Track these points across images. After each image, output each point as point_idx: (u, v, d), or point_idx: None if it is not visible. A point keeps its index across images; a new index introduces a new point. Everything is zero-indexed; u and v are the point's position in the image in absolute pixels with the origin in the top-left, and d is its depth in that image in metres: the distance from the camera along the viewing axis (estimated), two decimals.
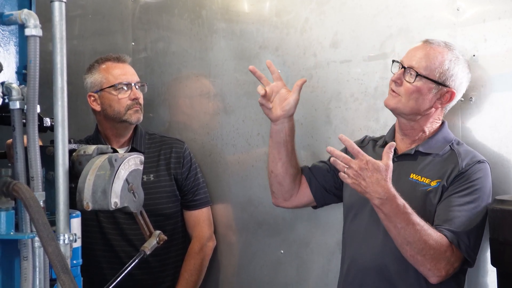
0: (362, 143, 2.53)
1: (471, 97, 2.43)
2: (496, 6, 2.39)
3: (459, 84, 2.29)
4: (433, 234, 2.08)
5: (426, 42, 2.32)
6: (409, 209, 2.08)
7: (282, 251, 2.94)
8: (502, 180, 2.36)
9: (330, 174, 2.55)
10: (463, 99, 2.45)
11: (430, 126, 2.34)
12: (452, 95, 2.27)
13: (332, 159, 2.14)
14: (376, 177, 2.05)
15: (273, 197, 2.62)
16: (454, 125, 2.47)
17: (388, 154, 2.09)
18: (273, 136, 2.48)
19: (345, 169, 2.09)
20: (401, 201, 2.07)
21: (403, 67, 2.28)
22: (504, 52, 2.37)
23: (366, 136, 2.58)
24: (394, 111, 2.33)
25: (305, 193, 2.57)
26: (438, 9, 2.52)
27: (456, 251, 2.11)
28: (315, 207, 2.64)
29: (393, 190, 2.07)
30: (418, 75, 2.24)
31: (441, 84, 2.25)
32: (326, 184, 2.55)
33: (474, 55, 2.42)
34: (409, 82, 2.25)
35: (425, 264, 2.10)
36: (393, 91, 2.30)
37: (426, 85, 2.25)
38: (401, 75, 2.28)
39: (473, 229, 2.13)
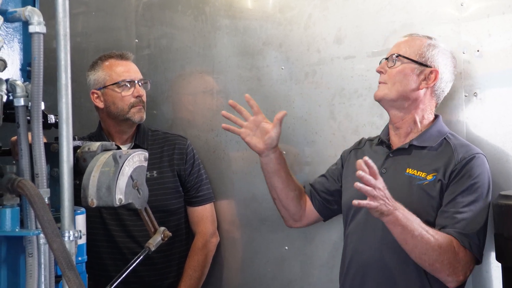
0: (359, 145, 2.58)
1: (475, 93, 2.43)
2: (500, 1, 2.38)
3: (443, 65, 2.32)
4: (444, 240, 2.10)
5: (409, 34, 2.40)
6: (419, 221, 2.09)
7: (286, 247, 2.94)
8: (506, 176, 2.35)
9: (330, 185, 2.60)
10: (467, 94, 2.44)
11: (421, 116, 2.35)
12: (436, 74, 2.30)
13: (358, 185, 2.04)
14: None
15: (284, 220, 2.67)
16: (458, 121, 2.47)
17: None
18: (263, 167, 2.54)
19: (372, 192, 2.01)
20: (411, 214, 2.09)
21: (386, 58, 2.38)
22: (508, 47, 2.36)
23: (362, 138, 2.61)
24: (383, 101, 2.37)
25: (311, 211, 2.62)
26: (441, 4, 2.51)
27: (469, 253, 2.12)
28: (324, 221, 2.69)
29: (401, 205, 2.09)
30: (398, 56, 2.32)
31: (422, 64, 2.30)
32: (329, 198, 2.60)
33: (478, 50, 2.42)
34: (391, 67, 2.33)
35: (444, 271, 2.11)
36: (380, 82, 2.37)
37: (407, 66, 2.31)
38: (384, 65, 2.36)
39: (481, 227, 2.14)
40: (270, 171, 2.52)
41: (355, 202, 2.01)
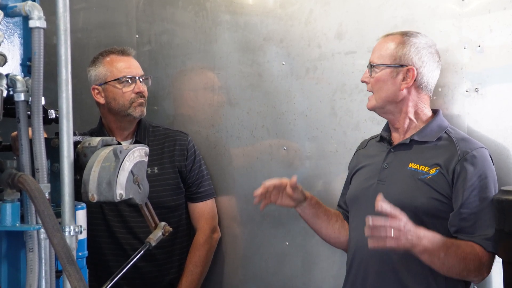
0: (361, 146, 2.60)
1: (476, 88, 2.42)
2: None
3: (418, 59, 2.32)
4: (469, 251, 2.15)
5: (384, 36, 2.42)
6: (442, 238, 2.13)
7: (287, 243, 2.94)
8: (507, 171, 2.35)
9: None
10: (468, 90, 2.44)
11: (414, 112, 2.36)
12: (413, 71, 2.31)
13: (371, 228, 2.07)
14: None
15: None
16: (459, 116, 2.47)
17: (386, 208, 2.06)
18: (302, 215, 2.55)
19: (391, 233, 2.03)
20: (434, 236, 2.11)
21: (368, 67, 2.40)
22: (509, 42, 2.36)
23: (364, 140, 2.62)
24: (374, 110, 2.42)
25: None
26: None
27: (491, 253, 2.17)
28: None
29: (423, 230, 2.10)
30: (372, 66, 2.35)
31: (397, 66, 2.31)
32: None
33: (479, 46, 2.41)
34: (371, 76, 2.36)
35: (471, 275, 2.19)
36: (368, 90, 2.40)
37: (383, 72, 2.33)
38: (367, 74, 2.39)
39: (494, 222, 2.15)
40: (308, 217, 2.54)
41: (370, 245, 2.04)
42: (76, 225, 1.67)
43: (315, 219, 2.55)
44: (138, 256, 1.89)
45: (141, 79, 2.89)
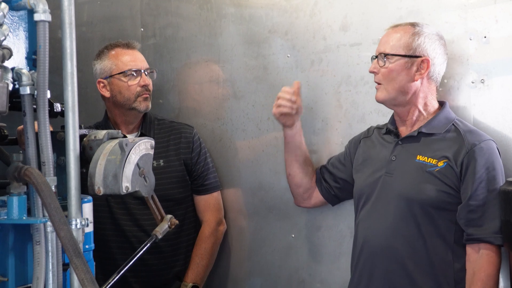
0: (368, 133, 2.59)
1: (482, 79, 2.41)
2: None
3: (432, 50, 2.32)
4: (482, 273, 2.17)
5: (392, 26, 2.40)
6: None
7: (293, 235, 2.94)
8: None
9: (336, 172, 2.65)
10: (474, 81, 2.43)
11: (424, 104, 2.36)
12: (428, 62, 2.30)
13: None
14: None
15: (294, 199, 2.77)
16: (465, 108, 2.46)
17: None
18: (290, 141, 2.65)
19: None
20: None
21: (376, 57, 2.37)
22: None
23: (370, 126, 2.61)
24: (385, 103, 2.40)
25: (318, 193, 2.70)
26: None
27: (496, 247, 2.18)
28: (332, 205, 2.74)
29: None
30: (385, 55, 2.32)
31: (411, 56, 2.30)
32: (335, 184, 2.65)
33: (485, 37, 2.40)
34: (382, 67, 2.33)
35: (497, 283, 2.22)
36: (376, 82, 2.38)
37: (397, 62, 2.32)
38: (376, 64, 2.36)
39: (500, 214, 2.16)
40: (296, 144, 2.64)
41: None
42: (82, 218, 1.68)
43: (298, 150, 2.65)
44: (144, 249, 1.90)
45: (146, 72, 2.89)
